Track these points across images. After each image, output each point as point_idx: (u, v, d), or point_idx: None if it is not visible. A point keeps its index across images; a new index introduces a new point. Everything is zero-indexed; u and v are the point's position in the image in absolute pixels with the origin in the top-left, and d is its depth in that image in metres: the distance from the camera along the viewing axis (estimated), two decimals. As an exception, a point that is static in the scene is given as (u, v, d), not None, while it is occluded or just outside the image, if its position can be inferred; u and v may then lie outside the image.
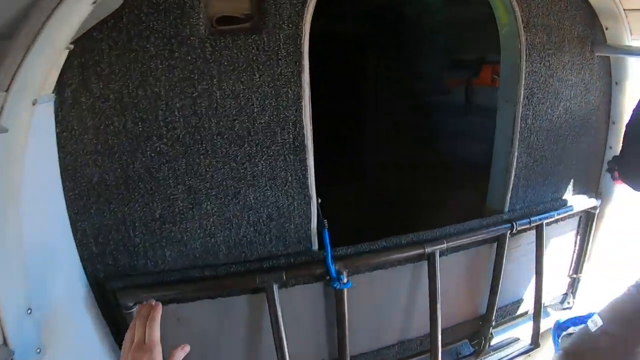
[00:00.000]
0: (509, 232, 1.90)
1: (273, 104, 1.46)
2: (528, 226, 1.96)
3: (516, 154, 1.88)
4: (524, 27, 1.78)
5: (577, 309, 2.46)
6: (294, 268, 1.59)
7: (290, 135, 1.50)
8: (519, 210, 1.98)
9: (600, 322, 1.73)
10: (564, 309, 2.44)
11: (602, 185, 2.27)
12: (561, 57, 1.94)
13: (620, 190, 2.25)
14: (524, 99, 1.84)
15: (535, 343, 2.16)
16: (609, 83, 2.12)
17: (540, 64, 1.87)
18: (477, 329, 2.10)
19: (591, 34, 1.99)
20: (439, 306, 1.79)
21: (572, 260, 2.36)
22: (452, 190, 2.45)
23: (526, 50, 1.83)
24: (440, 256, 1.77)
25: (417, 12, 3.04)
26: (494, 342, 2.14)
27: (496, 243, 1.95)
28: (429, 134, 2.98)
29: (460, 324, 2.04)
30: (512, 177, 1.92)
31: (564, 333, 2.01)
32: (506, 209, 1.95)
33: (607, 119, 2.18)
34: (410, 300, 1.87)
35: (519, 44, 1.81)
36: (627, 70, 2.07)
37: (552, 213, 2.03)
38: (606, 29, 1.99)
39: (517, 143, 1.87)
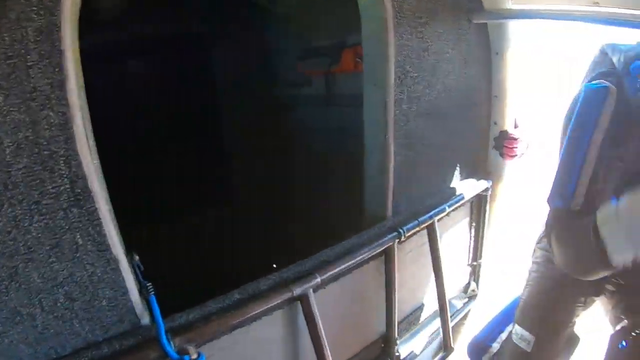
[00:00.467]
0: (396, 241, 1.59)
1: (30, 137, 0.94)
2: (418, 228, 1.67)
3: (392, 147, 1.55)
4: None
5: (483, 295, 2.33)
6: (123, 355, 1.12)
7: (65, 180, 0.99)
8: (404, 212, 1.68)
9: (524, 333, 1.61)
10: (469, 297, 2.28)
11: (490, 165, 2.09)
12: (435, 27, 1.64)
13: (510, 167, 2.09)
14: (395, 79, 1.51)
15: (447, 347, 1.95)
16: (489, 54, 1.89)
17: (411, 35, 1.55)
18: (379, 352, 1.82)
19: None
20: (325, 345, 1.44)
21: (469, 248, 2.17)
22: (324, 201, 2.11)
23: (394, 20, 1.48)
24: (316, 291, 1.41)
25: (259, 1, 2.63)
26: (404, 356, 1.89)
27: (384, 255, 1.64)
28: (289, 137, 2.60)
29: (358, 354, 1.73)
30: (391, 175, 1.60)
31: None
32: (389, 213, 1.64)
33: (489, 94, 1.97)
34: (288, 350, 1.48)
35: (383, 12, 1.46)
36: (507, 38, 1.85)
37: (442, 207, 1.77)
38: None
39: (392, 133, 1.54)
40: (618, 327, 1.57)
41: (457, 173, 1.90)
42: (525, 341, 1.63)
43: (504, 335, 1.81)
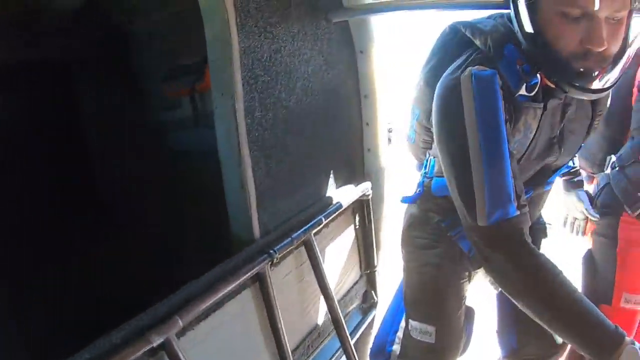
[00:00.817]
0: (268, 264, 1.42)
1: None
2: (292, 247, 1.52)
3: (248, 160, 1.39)
4: None
5: (384, 301, 2.23)
6: None
7: None
8: (274, 230, 1.52)
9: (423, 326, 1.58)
10: (370, 306, 2.20)
11: (368, 167, 2.03)
12: (288, 27, 1.52)
13: (388, 167, 2.05)
14: (244, 85, 1.35)
15: None
16: (353, 52, 1.82)
17: (260, 36, 1.41)
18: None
19: None
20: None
21: (360, 256, 2.09)
22: (192, 230, 1.89)
23: (237, 20, 1.33)
24: (181, 336, 1.18)
25: (119, 21, 2.36)
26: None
27: (257, 282, 1.46)
28: (160, 165, 2.34)
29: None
30: (252, 191, 1.43)
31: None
32: (256, 235, 1.46)
33: (358, 94, 1.90)
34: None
35: (224, 12, 1.30)
36: (371, 35, 1.79)
37: (318, 218, 1.63)
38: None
39: (245, 146, 1.37)
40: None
41: (331, 180, 1.79)
42: (426, 334, 1.59)
43: (400, 334, 1.74)
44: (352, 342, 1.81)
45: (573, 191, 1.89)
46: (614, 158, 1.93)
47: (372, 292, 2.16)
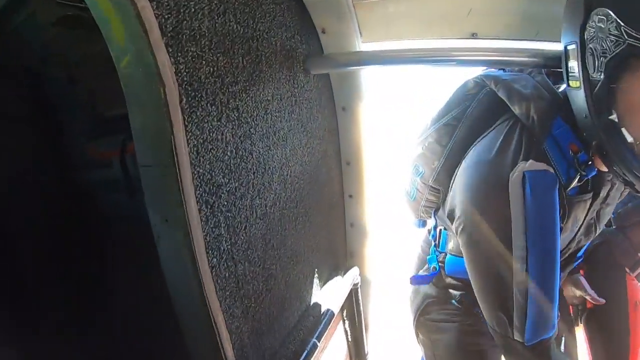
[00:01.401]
0: None
1: None
2: None
3: (221, 319, 0.89)
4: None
5: None
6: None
7: None
8: None
9: None
10: None
11: (350, 244, 1.61)
12: (259, 92, 1.01)
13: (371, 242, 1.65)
14: (201, 210, 0.83)
15: None
16: (334, 111, 1.36)
17: (220, 120, 0.88)
18: None
19: (302, 41, 1.15)
20: None
21: (350, 350, 1.66)
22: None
23: (182, 100, 0.79)
24: None
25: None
26: None
27: None
28: (89, 232, 1.70)
29: None
30: (231, 353, 0.95)
31: None
32: None
33: (339, 160, 1.45)
34: None
35: (159, 88, 0.76)
36: (356, 89, 1.34)
37: (311, 343, 1.20)
38: (323, 32, 1.18)
39: (215, 299, 0.87)
40: None
41: (316, 282, 1.34)
42: None
43: None
44: None
45: (568, 278, 1.67)
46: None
47: None
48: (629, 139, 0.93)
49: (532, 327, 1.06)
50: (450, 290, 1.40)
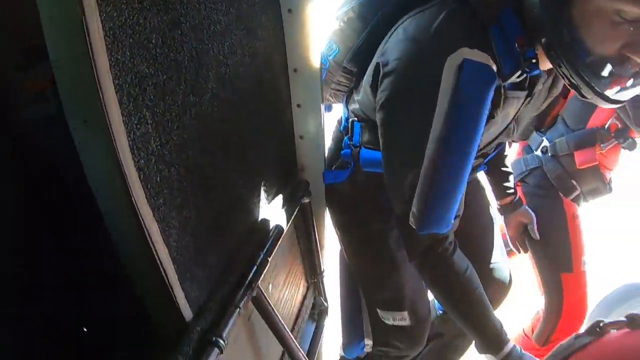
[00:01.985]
0: (216, 355, 0.92)
1: None
2: (238, 315, 1.05)
3: (154, 225, 0.81)
4: None
5: (334, 303, 1.96)
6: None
7: None
8: (211, 302, 1.02)
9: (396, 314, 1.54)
10: (321, 313, 1.88)
11: (301, 157, 1.57)
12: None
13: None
14: (122, 103, 0.72)
15: None
16: (279, 13, 1.27)
17: (141, 3, 0.75)
18: None
19: None
20: None
21: (305, 267, 1.71)
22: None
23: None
24: None
25: None
26: None
27: None
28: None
29: None
30: (170, 264, 0.87)
31: None
32: (188, 317, 0.94)
33: (285, 69, 1.36)
34: None
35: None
36: None
37: (261, 258, 1.16)
38: None
39: (145, 204, 0.79)
40: None
41: (264, 196, 1.30)
42: (401, 320, 1.51)
43: (367, 326, 1.65)
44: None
45: (518, 209, 1.82)
46: (545, 142, 2.01)
47: (321, 298, 1.84)
48: (581, 39, 0.92)
49: (428, 217, 1.08)
50: (367, 189, 1.41)
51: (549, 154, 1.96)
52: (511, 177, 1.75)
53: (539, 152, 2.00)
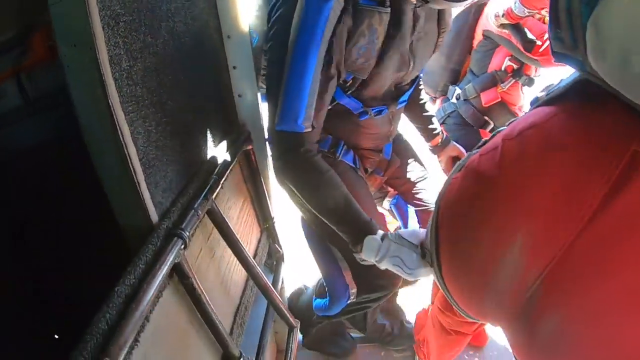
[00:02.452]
0: (182, 249, 1.15)
1: None
2: (198, 219, 1.27)
3: (125, 127, 1.04)
4: None
5: (289, 250, 2.22)
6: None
7: None
8: (174, 207, 1.24)
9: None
10: (278, 260, 2.10)
11: (241, 114, 1.83)
12: None
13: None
14: (104, 29, 0.99)
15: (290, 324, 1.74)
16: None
17: None
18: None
19: None
20: None
21: (256, 211, 1.94)
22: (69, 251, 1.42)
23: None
24: None
25: None
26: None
27: (175, 275, 1.18)
28: None
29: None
30: (139, 166, 1.09)
31: None
32: (156, 219, 1.17)
33: (220, 35, 1.64)
34: None
35: None
36: None
37: (213, 179, 1.39)
38: None
39: (119, 107, 1.02)
40: None
41: (210, 136, 1.55)
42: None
43: (342, 264, 1.78)
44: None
45: (447, 146, 2.03)
46: (458, 90, 2.47)
47: (276, 245, 2.08)
48: None
49: (281, 110, 1.30)
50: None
51: (462, 99, 2.38)
52: (434, 120, 1.98)
53: (454, 100, 2.43)
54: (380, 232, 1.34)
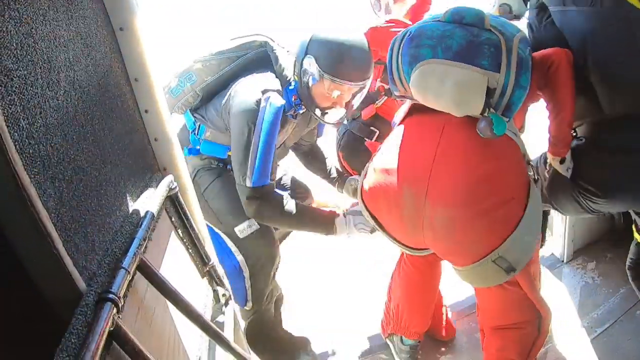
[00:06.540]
0: (116, 314, 1.05)
1: None
2: (129, 278, 1.18)
3: (33, 190, 0.92)
4: None
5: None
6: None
7: None
8: (100, 269, 1.15)
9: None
10: (227, 302, 1.99)
11: (159, 158, 1.75)
12: (35, 2, 1.07)
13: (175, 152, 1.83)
14: None
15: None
16: (112, 31, 1.47)
17: (3, 16, 0.94)
18: None
19: None
20: None
21: (193, 257, 1.83)
22: None
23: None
24: None
25: None
26: None
27: (112, 340, 1.07)
28: None
29: None
30: (54, 232, 0.97)
31: None
32: (83, 286, 1.06)
33: (127, 78, 1.57)
34: None
35: None
36: (131, 8, 1.46)
37: (139, 233, 1.31)
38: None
39: (23, 171, 0.90)
40: None
41: (131, 186, 1.46)
42: (250, 227, 2.25)
43: (232, 247, 2.33)
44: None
45: (347, 180, 2.78)
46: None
47: (220, 287, 1.98)
48: (315, 100, 2.20)
49: (256, 174, 2.03)
50: (212, 161, 2.36)
51: (351, 119, 2.85)
52: (331, 169, 2.83)
53: (345, 122, 2.79)
54: (340, 213, 2.18)
